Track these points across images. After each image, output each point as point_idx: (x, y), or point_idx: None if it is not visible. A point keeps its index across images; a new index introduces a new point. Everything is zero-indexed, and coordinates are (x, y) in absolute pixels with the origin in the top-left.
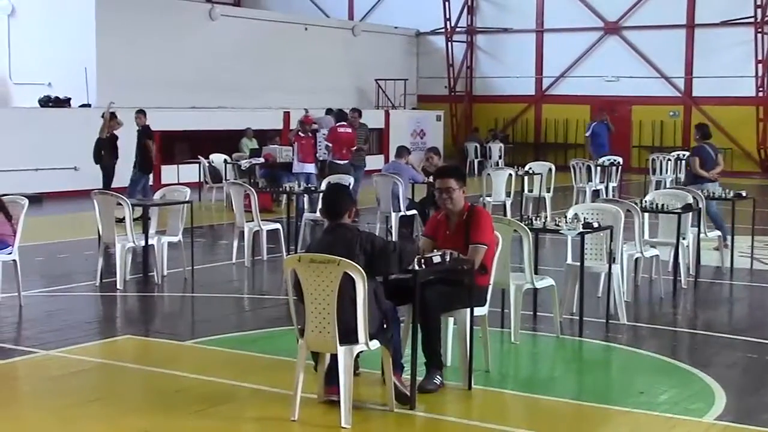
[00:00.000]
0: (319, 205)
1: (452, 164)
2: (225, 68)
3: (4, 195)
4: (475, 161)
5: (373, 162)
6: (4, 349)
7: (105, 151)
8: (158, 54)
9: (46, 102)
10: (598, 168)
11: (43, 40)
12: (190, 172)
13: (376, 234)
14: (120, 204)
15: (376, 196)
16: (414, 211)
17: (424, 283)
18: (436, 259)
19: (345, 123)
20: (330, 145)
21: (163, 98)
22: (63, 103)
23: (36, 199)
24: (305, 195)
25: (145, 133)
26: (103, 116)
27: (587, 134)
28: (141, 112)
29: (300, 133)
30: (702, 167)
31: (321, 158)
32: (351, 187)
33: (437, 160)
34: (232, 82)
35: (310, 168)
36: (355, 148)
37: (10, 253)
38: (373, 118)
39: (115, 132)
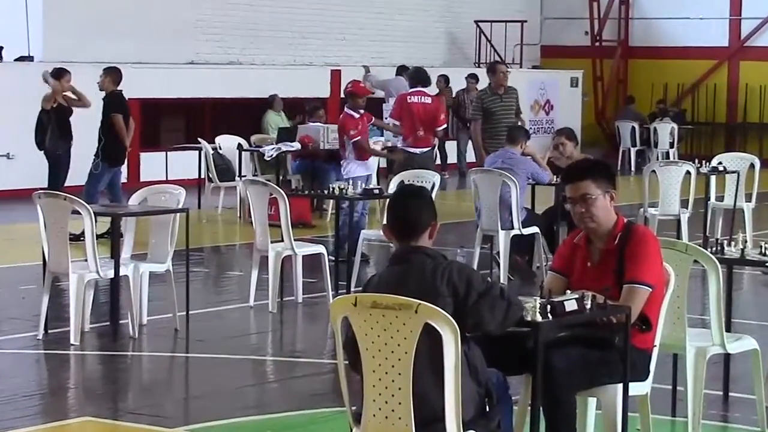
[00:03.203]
0: (383, 219)
1: (591, 158)
2: (241, 4)
3: None
4: (632, 151)
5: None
6: None
7: (51, 130)
8: None
9: None
10: None
11: None
12: (185, 163)
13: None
14: (77, 212)
15: (475, 205)
16: (534, 229)
17: (551, 342)
18: (571, 306)
19: (422, 90)
20: (397, 123)
21: (144, 50)
22: None
23: None
24: (363, 201)
25: (112, 103)
26: (45, 79)
27: None
28: (110, 72)
29: (350, 110)
30: None
31: (388, 144)
32: (435, 188)
33: (572, 148)
34: (250, 26)
35: (365, 168)
36: (442, 128)
37: None
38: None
39: (67, 100)
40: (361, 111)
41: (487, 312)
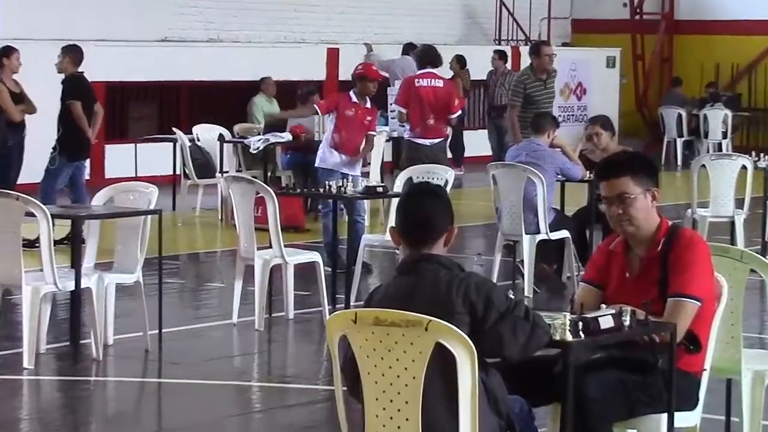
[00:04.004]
0: (390, 221)
1: (630, 150)
2: None
3: None
4: (678, 142)
5: (475, 141)
6: None
7: None
8: None
9: None
10: None
11: None
12: (157, 157)
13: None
14: (32, 214)
15: (494, 205)
16: (564, 233)
17: (584, 365)
18: (606, 323)
19: (432, 71)
20: (403, 111)
21: (109, 25)
22: None
23: None
24: (364, 201)
25: (72, 88)
26: None
27: None
28: (70, 51)
29: (354, 95)
30: None
31: (393, 134)
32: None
33: (607, 139)
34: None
35: (354, 165)
36: (455, 115)
37: None
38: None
39: (11, 83)
40: (368, 100)
41: (508, 335)
